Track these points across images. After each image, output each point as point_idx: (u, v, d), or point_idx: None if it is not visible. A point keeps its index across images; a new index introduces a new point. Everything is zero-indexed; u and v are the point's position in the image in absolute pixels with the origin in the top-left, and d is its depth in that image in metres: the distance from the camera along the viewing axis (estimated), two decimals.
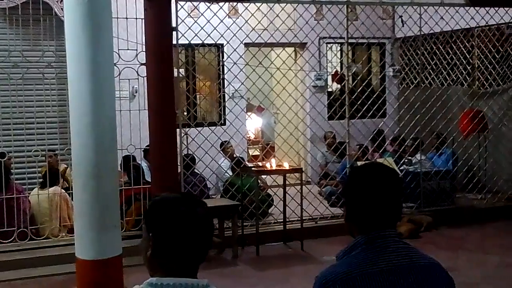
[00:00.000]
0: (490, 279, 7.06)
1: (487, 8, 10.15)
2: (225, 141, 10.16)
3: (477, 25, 10.46)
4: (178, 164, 8.19)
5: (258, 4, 9.36)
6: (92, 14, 5.38)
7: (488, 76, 10.89)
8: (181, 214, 1.97)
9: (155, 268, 2.01)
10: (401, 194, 2.21)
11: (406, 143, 10.30)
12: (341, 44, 11.56)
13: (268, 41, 9.68)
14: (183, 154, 8.62)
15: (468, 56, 11.06)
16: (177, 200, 2.01)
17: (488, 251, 8.17)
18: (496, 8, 10.18)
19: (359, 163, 8.80)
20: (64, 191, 8.22)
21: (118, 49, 7.66)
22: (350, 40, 9.86)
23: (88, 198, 5.30)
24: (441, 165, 10.21)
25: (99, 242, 5.28)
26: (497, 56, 10.75)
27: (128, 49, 8.15)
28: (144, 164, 9.09)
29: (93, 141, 5.35)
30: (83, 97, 5.39)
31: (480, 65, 11.03)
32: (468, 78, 11.19)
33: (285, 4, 9.62)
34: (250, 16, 9.41)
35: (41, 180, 8.31)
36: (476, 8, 10.06)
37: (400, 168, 9.80)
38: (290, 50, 11.80)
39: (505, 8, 10.20)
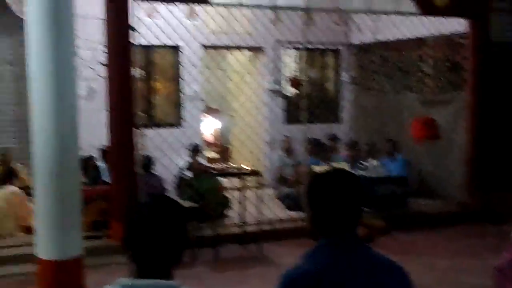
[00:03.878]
0: (441, 284, 7.21)
1: (439, 18, 10.39)
2: (197, 145, 10.07)
3: (431, 34, 10.69)
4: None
5: (217, 7, 9.38)
6: (55, 14, 5.34)
7: (438, 84, 11.13)
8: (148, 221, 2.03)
9: (131, 270, 2.06)
10: (363, 199, 2.28)
11: (359, 148, 10.43)
12: (298, 49, 11.67)
13: (226, 44, 9.72)
14: (142, 155, 8.56)
15: (421, 64, 11.29)
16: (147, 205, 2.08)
17: (439, 255, 8.34)
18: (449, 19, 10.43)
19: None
20: (21, 190, 8.07)
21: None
22: (306, 45, 9.98)
23: (49, 197, 5.25)
24: (394, 171, 10.40)
25: (61, 242, 5.23)
26: (449, 65, 10.99)
27: (86, 50, 8.07)
28: (101, 165, 8.99)
29: (55, 140, 5.30)
30: (45, 96, 5.34)
31: (433, 73, 11.27)
32: (421, 86, 11.43)
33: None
34: (209, 19, 9.42)
35: None
36: (429, 18, 10.29)
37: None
38: (248, 53, 11.85)
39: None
